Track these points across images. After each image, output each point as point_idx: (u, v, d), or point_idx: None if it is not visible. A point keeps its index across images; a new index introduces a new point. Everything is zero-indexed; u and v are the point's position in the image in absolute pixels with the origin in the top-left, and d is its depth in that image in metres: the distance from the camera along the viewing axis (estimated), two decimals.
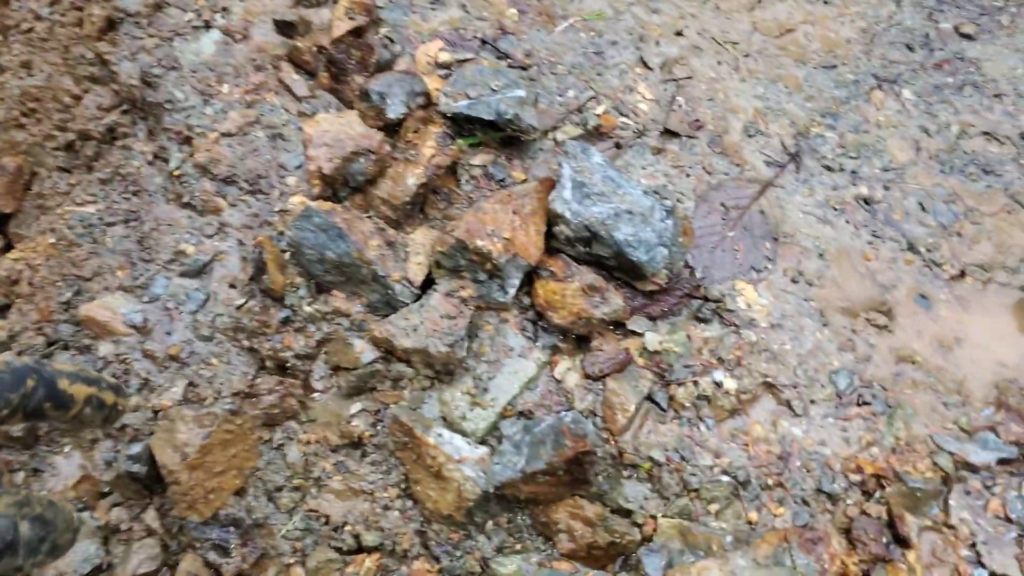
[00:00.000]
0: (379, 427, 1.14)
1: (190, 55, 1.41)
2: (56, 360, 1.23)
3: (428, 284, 1.19)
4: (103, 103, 1.44)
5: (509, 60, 1.48)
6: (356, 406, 1.14)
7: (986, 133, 1.53)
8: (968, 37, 1.71)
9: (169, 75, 1.39)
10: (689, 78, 1.52)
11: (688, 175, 1.39)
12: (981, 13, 1.76)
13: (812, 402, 1.19)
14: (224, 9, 1.46)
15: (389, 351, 1.15)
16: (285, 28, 1.44)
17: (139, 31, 1.44)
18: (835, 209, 1.39)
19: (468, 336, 1.13)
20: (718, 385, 1.17)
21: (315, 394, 1.16)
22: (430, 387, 1.15)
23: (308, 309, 1.18)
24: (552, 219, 1.20)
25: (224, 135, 1.33)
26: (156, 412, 1.18)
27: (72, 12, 1.50)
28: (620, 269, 1.21)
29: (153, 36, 1.44)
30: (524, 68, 1.47)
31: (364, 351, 1.15)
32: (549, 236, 1.21)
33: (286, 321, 1.18)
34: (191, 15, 1.45)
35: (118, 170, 1.35)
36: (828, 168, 1.44)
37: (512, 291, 1.17)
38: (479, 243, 1.12)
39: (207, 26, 1.44)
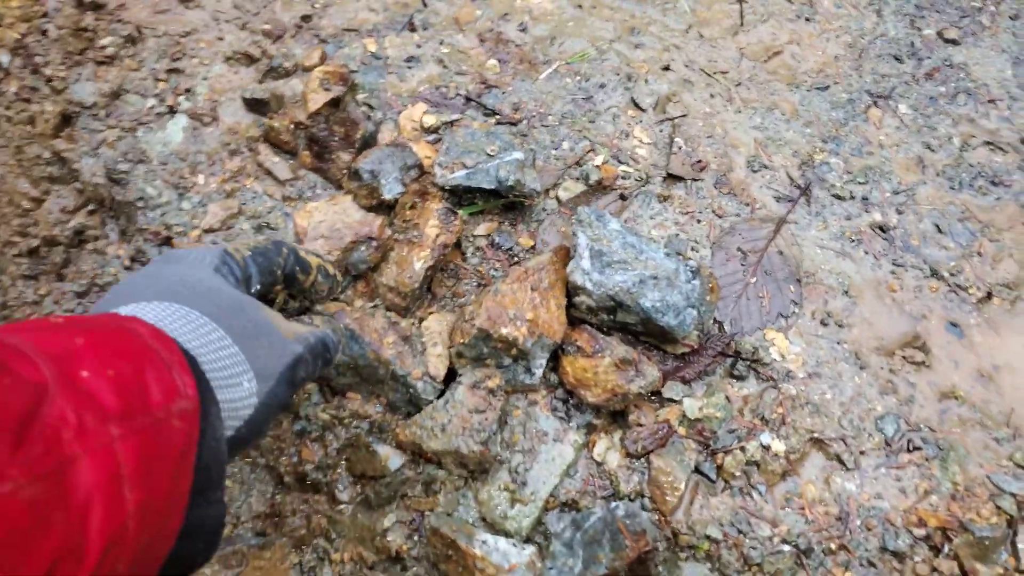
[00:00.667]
0: (417, 538, 1.06)
1: (158, 145, 1.31)
2: None
3: (450, 375, 1.11)
4: (67, 205, 1.34)
5: (497, 116, 1.41)
6: (389, 518, 1.06)
7: (988, 143, 1.50)
8: (953, 42, 1.68)
9: (137, 169, 1.29)
10: (684, 116, 1.47)
11: (699, 221, 1.33)
12: (962, 16, 1.73)
13: (862, 453, 1.13)
14: (188, 91, 1.37)
15: (417, 454, 1.07)
16: (256, 106, 1.35)
17: (98, 123, 1.34)
18: (852, 240, 1.34)
19: (499, 426, 1.06)
20: (766, 448, 1.11)
21: (342, 506, 1.08)
22: (464, 486, 1.07)
23: (324, 416, 1.09)
24: (572, 290, 1.13)
25: (207, 231, 1.24)
26: None
27: (21, 109, 1.40)
28: (648, 334, 1.15)
29: (114, 127, 1.34)
30: (514, 123, 1.41)
31: (390, 457, 1.06)
32: (569, 306, 1.14)
33: (301, 433, 1.09)
34: (152, 101, 1.35)
35: (94, 280, 1.25)
36: (838, 197, 1.39)
37: (539, 372, 1.10)
38: (503, 331, 1.04)
39: (172, 111, 1.35)
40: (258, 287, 0.84)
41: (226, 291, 0.75)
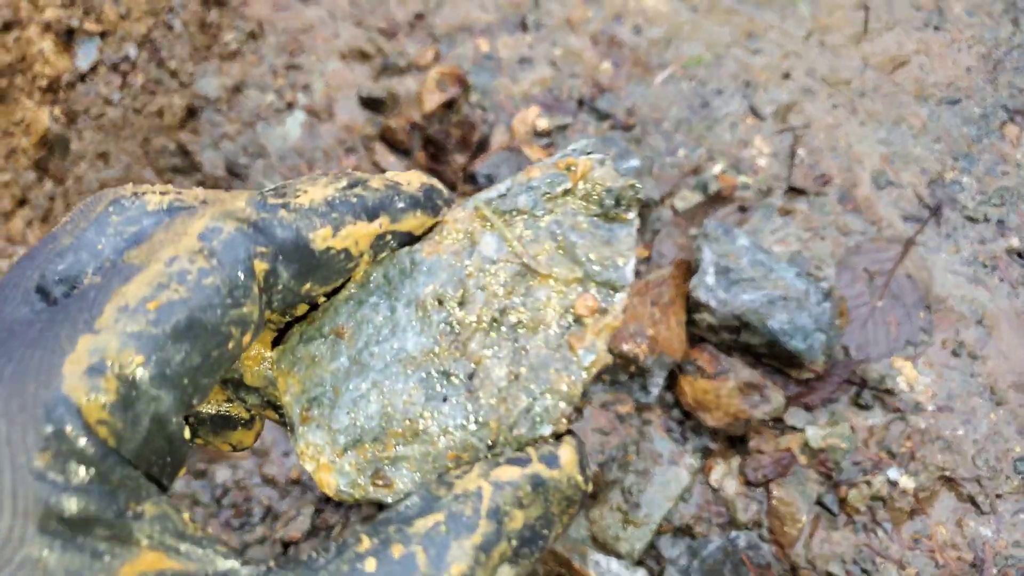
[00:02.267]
0: None
1: (276, 140, 1.32)
2: None
3: None
4: None
5: (611, 121, 1.37)
6: None
7: None
8: None
9: (256, 163, 1.30)
10: (806, 126, 1.41)
11: (823, 238, 1.27)
12: None
13: (998, 496, 1.06)
14: (305, 87, 1.37)
15: None
16: (371, 104, 1.34)
17: (220, 117, 1.36)
18: (986, 266, 1.27)
19: (618, 452, 1.03)
20: (893, 484, 1.05)
21: None
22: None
23: None
24: (693, 307, 1.09)
25: None
26: None
27: (147, 102, 1.42)
28: (772, 357, 1.10)
29: (235, 122, 1.35)
30: (628, 128, 1.37)
31: None
32: (689, 323, 1.11)
33: None
34: (272, 97, 1.36)
35: None
36: (971, 219, 1.31)
37: (656, 390, 1.06)
38: (624, 347, 1.01)
39: (290, 107, 1.35)
40: None
41: None
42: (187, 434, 0.34)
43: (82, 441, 0.28)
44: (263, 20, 1.43)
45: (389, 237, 0.39)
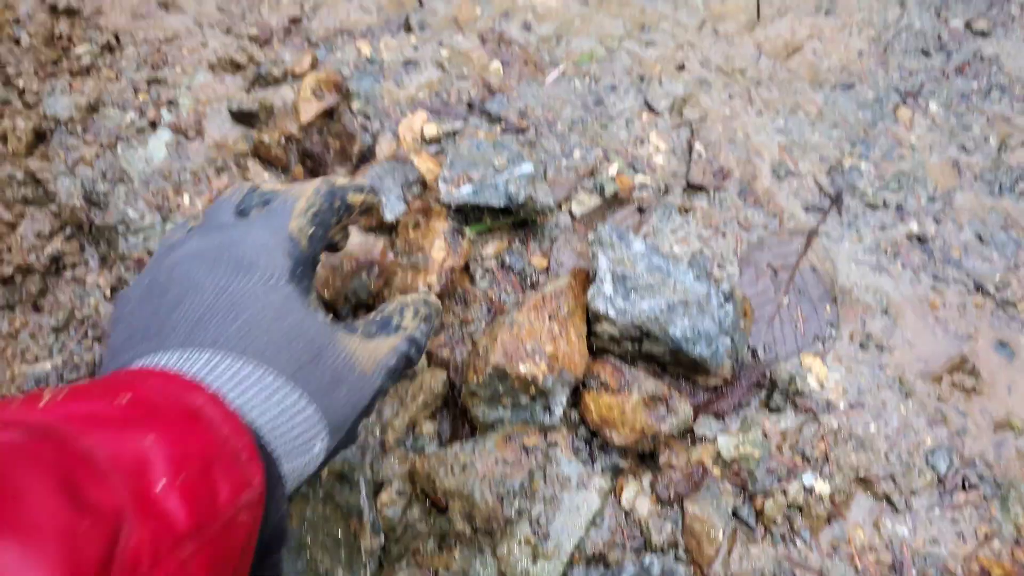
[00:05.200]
0: None
1: (139, 163, 1.21)
2: None
3: (463, 412, 1.01)
4: (42, 229, 1.23)
5: (503, 124, 1.31)
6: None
7: None
8: (982, 34, 1.58)
9: (117, 190, 1.19)
10: (703, 119, 1.37)
11: (724, 234, 1.23)
12: (989, 5, 1.64)
13: (913, 493, 1.04)
14: (170, 103, 1.26)
15: (425, 492, 0.97)
16: (244, 118, 1.24)
17: (74, 140, 1.24)
18: (888, 253, 1.24)
19: (521, 486, 0.96)
20: (808, 490, 1.01)
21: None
22: (483, 540, 0.98)
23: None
24: (593, 318, 1.03)
25: None
26: None
27: None
28: (678, 365, 1.05)
29: (91, 144, 1.23)
30: (521, 131, 1.30)
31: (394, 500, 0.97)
32: (590, 334, 1.05)
33: None
34: (132, 115, 1.24)
35: (73, 313, 1.15)
36: (871, 206, 1.29)
37: (559, 410, 1.00)
38: (521, 369, 0.95)
39: (153, 126, 1.24)
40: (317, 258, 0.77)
41: (304, 330, 0.67)
42: (321, 256, 0.85)
43: (298, 248, 0.72)
44: (120, 31, 1.32)
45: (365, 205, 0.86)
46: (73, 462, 0.45)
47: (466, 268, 1.15)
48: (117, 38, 1.31)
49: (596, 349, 1.06)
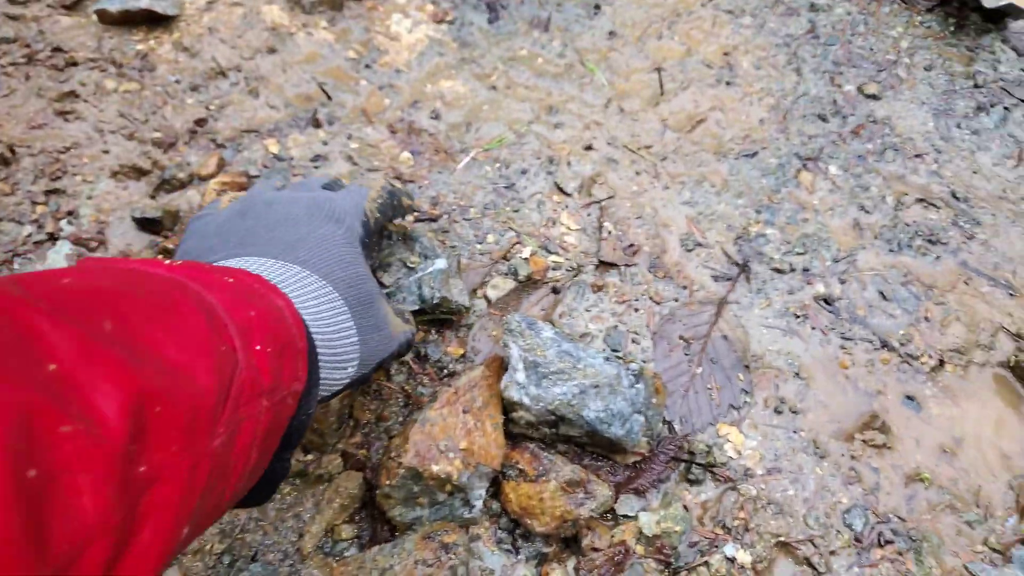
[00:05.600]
0: None
1: None
2: None
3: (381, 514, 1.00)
4: None
5: (416, 213, 1.32)
6: None
7: (920, 199, 1.47)
8: (873, 97, 1.66)
9: None
10: (611, 197, 1.40)
11: (637, 309, 1.25)
12: (878, 69, 1.72)
13: (832, 553, 1.05)
14: (70, 213, 1.25)
15: None
16: (148, 225, 1.24)
17: None
18: (797, 316, 1.28)
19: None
20: (731, 560, 1.02)
21: None
22: None
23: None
24: (508, 406, 1.04)
25: None
26: None
27: None
28: (595, 445, 1.06)
29: None
30: (434, 219, 1.32)
31: None
32: (507, 421, 1.05)
33: None
34: (30, 228, 1.23)
35: None
36: (778, 271, 1.33)
37: (479, 503, 1.00)
38: (435, 468, 0.94)
39: (52, 238, 1.22)
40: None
41: (366, 280, 0.85)
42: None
43: (367, 218, 0.94)
44: (16, 142, 1.31)
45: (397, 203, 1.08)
46: (206, 303, 0.58)
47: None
48: (12, 150, 1.31)
49: (515, 435, 1.06)
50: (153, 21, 1.48)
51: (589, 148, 1.49)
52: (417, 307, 1.10)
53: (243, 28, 1.54)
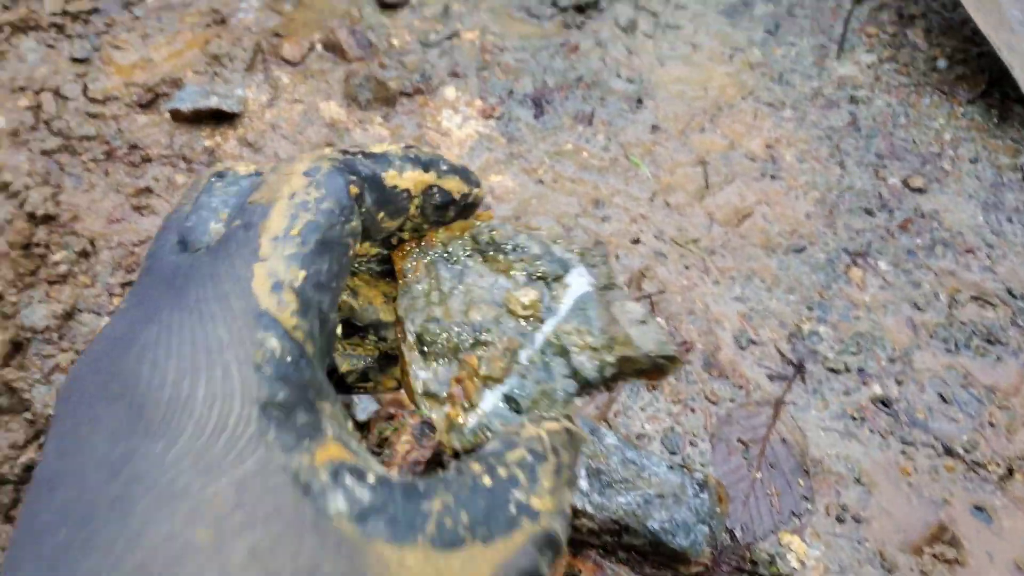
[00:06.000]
0: None
1: None
2: None
3: None
4: (16, 439, 1.22)
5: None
6: None
7: (975, 297, 1.46)
8: (919, 190, 1.67)
9: None
10: (662, 292, 1.41)
11: (693, 410, 1.25)
12: (923, 162, 1.73)
13: None
14: None
15: None
16: None
17: (51, 348, 1.24)
18: (855, 419, 1.27)
19: None
20: None
21: None
22: None
23: None
24: (572, 513, 1.02)
25: None
26: None
27: None
28: (658, 555, 1.04)
29: (67, 351, 1.24)
30: None
31: None
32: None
33: None
34: (107, 320, 1.26)
35: None
36: (834, 371, 1.32)
37: None
38: None
39: None
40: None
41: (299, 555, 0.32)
42: (338, 331, 0.43)
43: (286, 344, 0.36)
44: (96, 236, 1.35)
45: (435, 191, 0.48)
46: None
47: (439, 462, 1.15)
48: (93, 243, 1.35)
49: (576, 542, 1.05)
50: (220, 118, 1.54)
51: (636, 241, 1.50)
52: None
53: (303, 124, 1.59)
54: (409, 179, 0.46)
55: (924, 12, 2.00)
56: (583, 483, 1.02)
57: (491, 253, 0.49)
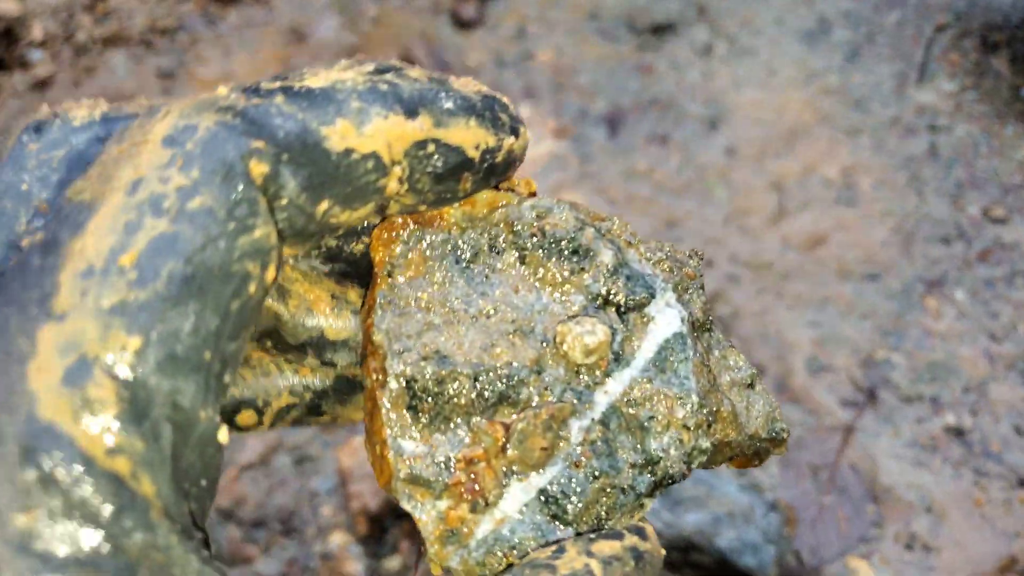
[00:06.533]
0: None
1: None
2: None
3: None
4: None
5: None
6: None
7: None
8: (1000, 221, 1.65)
9: None
10: (734, 315, 1.42)
11: None
12: (1004, 192, 1.71)
13: None
14: None
15: None
16: None
17: None
18: (927, 448, 1.26)
19: None
20: None
21: None
22: None
23: None
24: None
25: (245, 468, 1.18)
26: None
27: None
28: (724, 573, 1.06)
29: None
30: None
31: None
32: None
33: None
34: None
35: None
36: (907, 399, 1.32)
37: None
38: None
39: None
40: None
41: None
42: (223, 436, 0.23)
43: (87, 487, 0.19)
44: None
45: (433, 148, 0.27)
46: None
47: None
48: None
49: None
50: None
51: (709, 264, 1.52)
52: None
53: None
54: (378, 133, 0.26)
55: (1008, 40, 1.97)
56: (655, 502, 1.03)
57: (536, 253, 0.31)
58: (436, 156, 0.27)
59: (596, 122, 1.80)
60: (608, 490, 0.28)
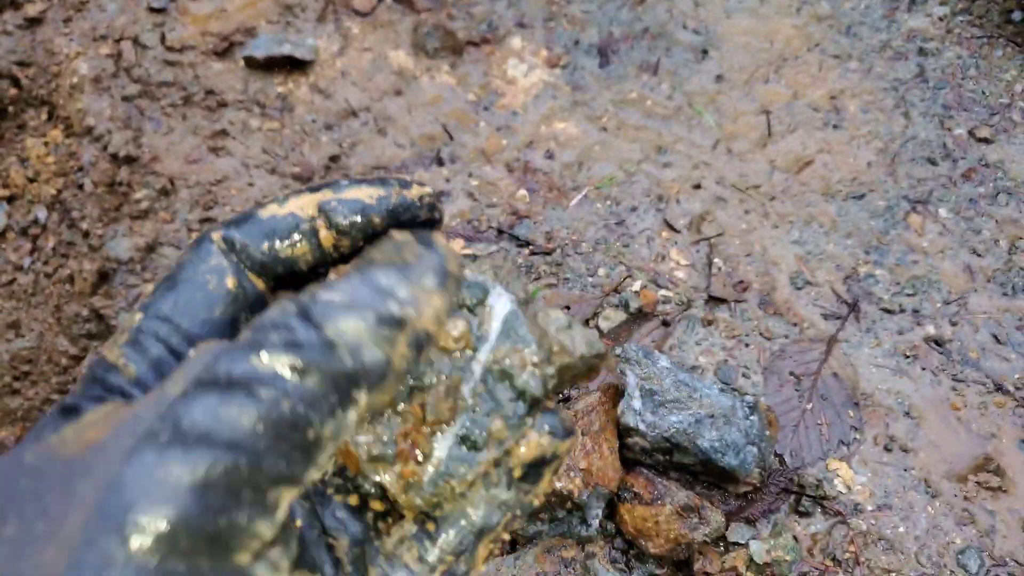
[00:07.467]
0: None
1: None
2: None
3: None
4: None
5: (531, 247, 1.39)
6: None
7: None
8: (985, 140, 1.66)
9: None
10: (720, 235, 1.44)
11: (747, 345, 1.29)
12: (991, 113, 1.72)
13: None
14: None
15: None
16: None
17: (134, 278, 1.34)
18: (907, 357, 1.29)
19: None
20: None
21: None
22: None
23: None
24: (624, 431, 1.08)
25: None
26: None
27: (58, 266, 1.40)
28: (708, 473, 1.09)
29: (150, 281, 1.34)
30: (548, 253, 1.39)
31: None
32: (622, 447, 1.10)
33: None
34: None
35: None
36: (888, 311, 1.35)
37: (595, 522, 1.04)
38: (558, 485, 1.00)
39: None
40: None
41: None
42: None
43: None
44: (175, 175, 1.44)
45: (335, 204, 0.36)
46: None
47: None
48: (172, 182, 1.44)
49: (628, 460, 1.11)
50: (293, 65, 1.62)
51: (698, 187, 1.54)
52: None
53: (372, 72, 1.66)
54: (293, 204, 0.36)
55: None
56: (636, 402, 1.07)
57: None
58: (340, 209, 0.37)
59: (588, 51, 1.80)
60: (499, 420, 0.39)
